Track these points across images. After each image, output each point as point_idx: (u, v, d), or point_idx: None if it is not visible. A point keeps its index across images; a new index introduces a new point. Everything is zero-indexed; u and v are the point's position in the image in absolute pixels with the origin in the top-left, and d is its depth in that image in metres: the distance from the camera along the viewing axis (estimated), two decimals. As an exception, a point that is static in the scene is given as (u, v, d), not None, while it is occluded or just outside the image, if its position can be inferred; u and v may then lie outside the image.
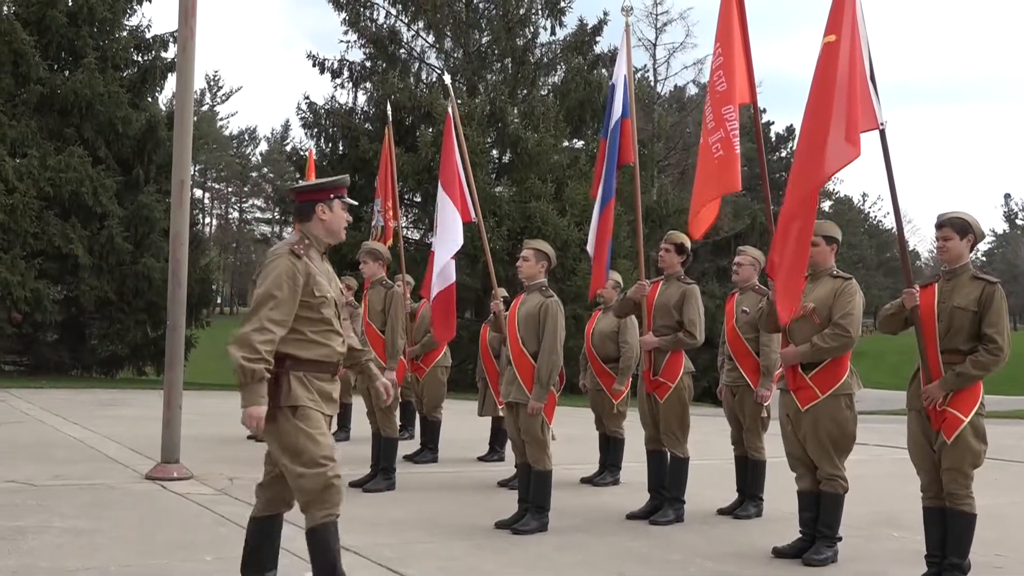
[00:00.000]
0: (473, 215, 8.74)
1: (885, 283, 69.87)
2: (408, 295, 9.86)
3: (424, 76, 29.33)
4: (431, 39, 28.93)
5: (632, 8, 8.31)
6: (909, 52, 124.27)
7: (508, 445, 8.04)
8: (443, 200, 8.83)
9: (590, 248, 7.82)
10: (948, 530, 5.39)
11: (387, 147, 11.98)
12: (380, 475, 8.18)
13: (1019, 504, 8.35)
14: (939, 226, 5.50)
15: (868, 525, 7.02)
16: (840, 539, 5.99)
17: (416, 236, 27.89)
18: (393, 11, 28.50)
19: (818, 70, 5.54)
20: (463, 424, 12.07)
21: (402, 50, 28.86)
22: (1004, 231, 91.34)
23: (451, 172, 8.87)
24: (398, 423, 9.07)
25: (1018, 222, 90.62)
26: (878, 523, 7.17)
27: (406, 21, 28.65)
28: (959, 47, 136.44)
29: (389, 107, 13.74)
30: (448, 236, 8.70)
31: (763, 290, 7.06)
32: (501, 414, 9.79)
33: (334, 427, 11.06)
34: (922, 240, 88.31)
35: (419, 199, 27.38)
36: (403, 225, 27.26)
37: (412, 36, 28.98)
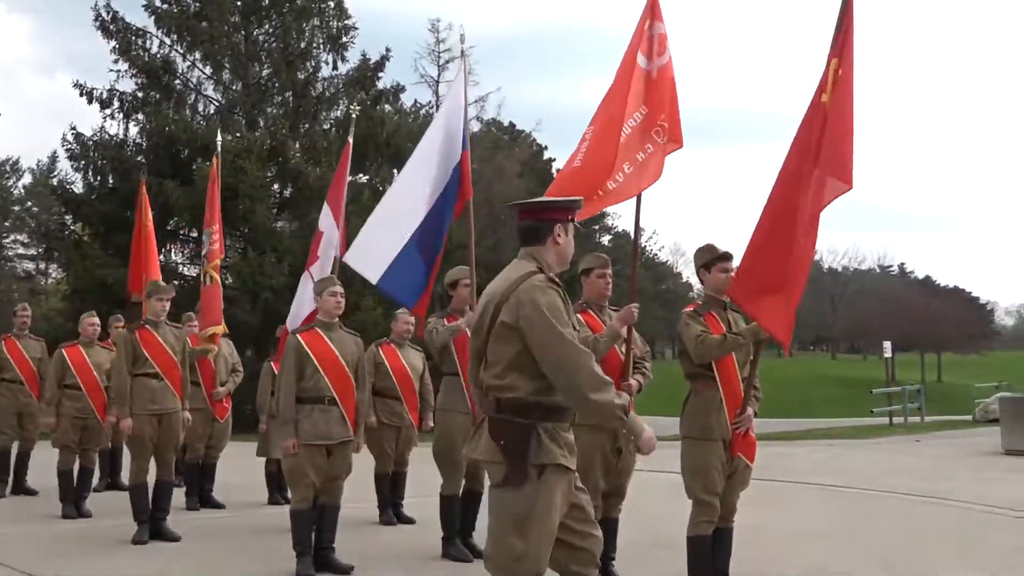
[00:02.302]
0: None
1: (661, 314, 72.90)
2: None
3: (201, 108, 28.46)
4: (208, 71, 28.14)
5: (464, 35, 8.19)
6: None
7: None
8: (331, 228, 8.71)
9: (409, 301, 7.57)
10: (724, 547, 5.68)
11: (214, 176, 11.31)
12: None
13: (773, 521, 8.83)
14: (729, 257, 5.79)
15: (647, 547, 7.23)
16: None
17: (193, 272, 26.89)
18: (168, 41, 27.50)
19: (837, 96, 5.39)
20: (243, 467, 11.66)
21: (177, 81, 27.89)
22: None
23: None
24: None
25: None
26: (656, 545, 7.41)
27: (181, 52, 27.72)
28: (709, 89, 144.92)
29: (220, 135, 12.84)
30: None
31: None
32: (279, 456, 9.58)
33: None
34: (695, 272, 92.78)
35: (195, 234, 26.46)
36: (179, 262, 26.32)
37: (188, 67, 28.04)
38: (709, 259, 5.80)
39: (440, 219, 7.44)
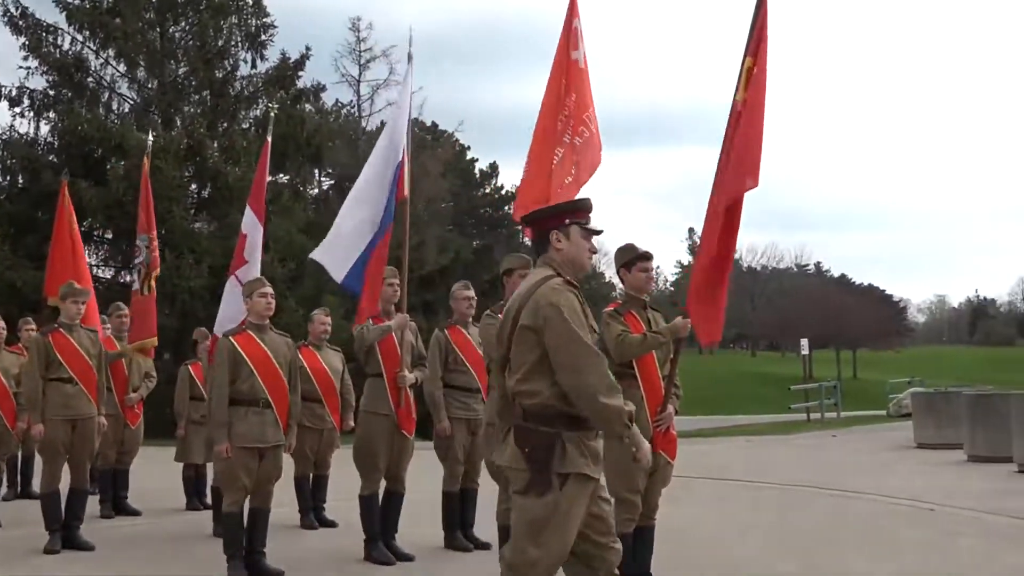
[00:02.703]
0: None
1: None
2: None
3: (115, 107, 27.79)
4: (123, 68, 27.50)
5: (412, 37, 8.14)
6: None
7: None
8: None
9: (356, 284, 7.42)
10: (646, 544, 5.71)
11: (145, 180, 11.02)
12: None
13: (693, 517, 8.96)
14: (650, 257, 5.84)
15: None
16: None
17: (108, 274, 26.29)
18: (80, 37, 26.79)
19: (751, 95, 5.50)
20: (159, 472, 11.43)
21: (90, 79, 27.19)
22: (689, 262, 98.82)
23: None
24: None
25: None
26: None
27: (94, 48, 27.02)
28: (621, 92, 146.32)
29: (151, 137, 12.38)
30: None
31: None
32: (200, 461, 9.45)
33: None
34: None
35: (110, 235, 25.88)
36: (92, 264, 25.64)
37: (101, 64, 27.36)
38: (629, 258, 5.84)
39: (387, 219, 7.44)
